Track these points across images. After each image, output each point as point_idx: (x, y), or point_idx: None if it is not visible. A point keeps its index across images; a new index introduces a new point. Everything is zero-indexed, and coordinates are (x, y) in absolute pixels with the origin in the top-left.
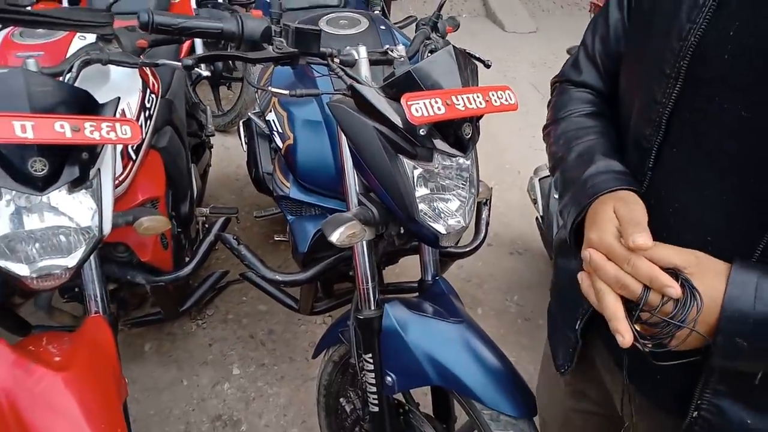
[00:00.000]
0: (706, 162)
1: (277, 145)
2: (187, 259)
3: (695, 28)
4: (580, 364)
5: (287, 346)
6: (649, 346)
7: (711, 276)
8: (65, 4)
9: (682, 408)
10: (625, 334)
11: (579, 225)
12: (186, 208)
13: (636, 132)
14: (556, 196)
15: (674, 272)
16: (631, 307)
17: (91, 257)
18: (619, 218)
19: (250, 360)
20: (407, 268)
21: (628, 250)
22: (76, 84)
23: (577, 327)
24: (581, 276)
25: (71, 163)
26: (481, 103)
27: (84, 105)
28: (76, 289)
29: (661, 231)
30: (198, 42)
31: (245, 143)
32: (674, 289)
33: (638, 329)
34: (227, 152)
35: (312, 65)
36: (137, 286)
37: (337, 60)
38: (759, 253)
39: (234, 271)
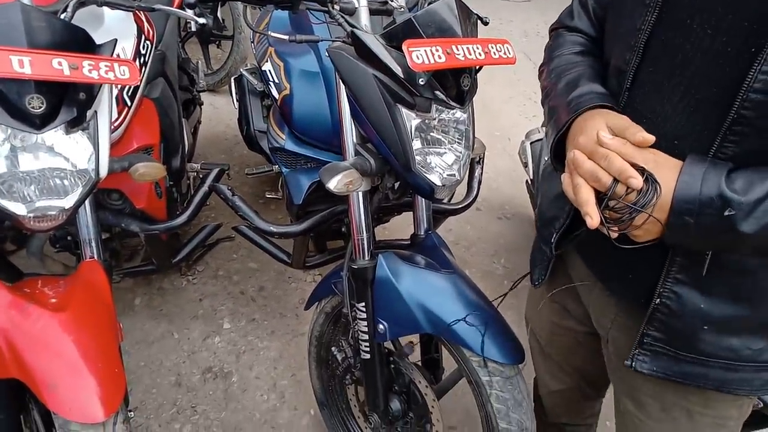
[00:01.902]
0: (676, 74)
1: (272, 96)
2: (178, 213)
3: None
4: (557, 278)
5: (278, 302)
6: (615, 229)
7: (666, 170)
8: None
9: (647, 302)
10: (594, 216)
11: (560, 141)
12: (177, 161)
13: (618, 59)
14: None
15: (641, 169)
16: (602, 197)
17: (86, 202)
18: (615, 126)
19: (241, 315)
20: (397, 232)
21: (606, 150)
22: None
23: (552, 240)
24: (564, 176)
25: (68, 103)
26: (480, 54)
27: (82, 44)
28: (69, 238)
29: None
30: None
31: (237, 100)
32: (636, 180)
33: (606, 215)
34: (216, 112)
35: (311, 11)
36: (130, 235)
37: (337, 6)
38: (713, 153)
39: (225, 228)
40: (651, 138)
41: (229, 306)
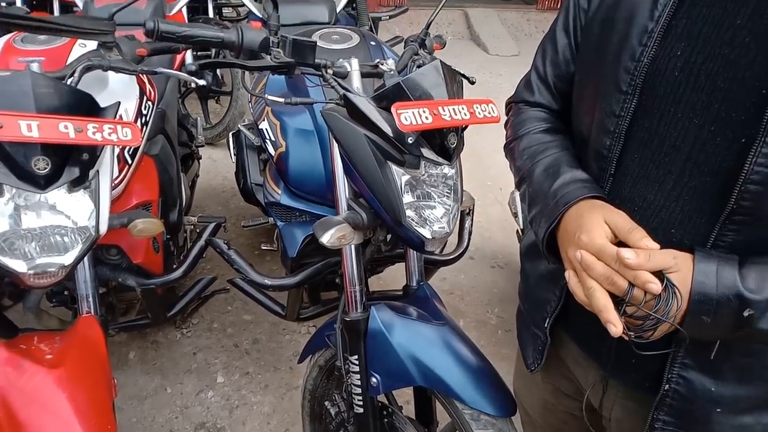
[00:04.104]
0: (664, 162)
1: (269, 153)
2: (174, 266)
3: (647, 51)
4: (550, 361)
5: (272, 355)
6: (632, 336)
7: (682, 267)
8: (56, 14)
9: (653, 386)
10: (617, 324)
11: (551, 232)
12: (175, 215)
13: (596, 143)
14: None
15: (660, 272)
16: (617, 302)
17: (85, 258)
18: (615, 225)
19: (235, 368)
20: (390, 283)
21: (614, 250)
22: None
23: (545, 325)
24: (569, 274)
25: (72, 164)
26: (465, 115)
27: (87, 107)
28: (65, 293)
29: None
30: (189, 55)
31: (234, 154)
32: (656, 285)
33: (623, 322)
34: (214, 164)
35: (305, 75)
36: (126, 290)
37: (330, 71)
38: (712, 241)
39: (220, 280)
40: (656, 246)
41: (223, 359)
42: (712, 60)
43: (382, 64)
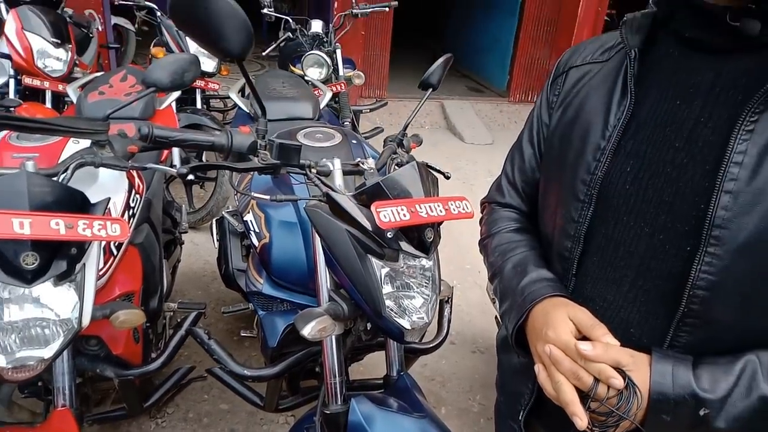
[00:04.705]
0: (620, 265)
1: (252, 243)
2: (153, 354)
3: (600, 166)
4: None
5: None
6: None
7: (640, 366)
8: (48, 105)
9: None
10: (582, 417)
11: (520, 327)
12: (155, 302)
13: (558, 245)
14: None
15: (621, 371)
16: (582, 396)
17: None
18: (578, 322)
19: None
20: (372, 368)
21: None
22: (68, 184)
23: (520, 418)
24: (538, 368)
25: (60, 258)
26: (441, 211)
27: (78, 204)
28: (39, 383)
29: None
30: (175, 151)
31: (217, 240)
32: (618, 380)
33: (588, 417)
34: (196, 248)
35: (290, 173)
36: (102, 380)
37: (314, 170)
38: (668, 341)
39: (198, 368)
40: (615, 343)
41: None
42: (657, 176)
43: (363, 163)
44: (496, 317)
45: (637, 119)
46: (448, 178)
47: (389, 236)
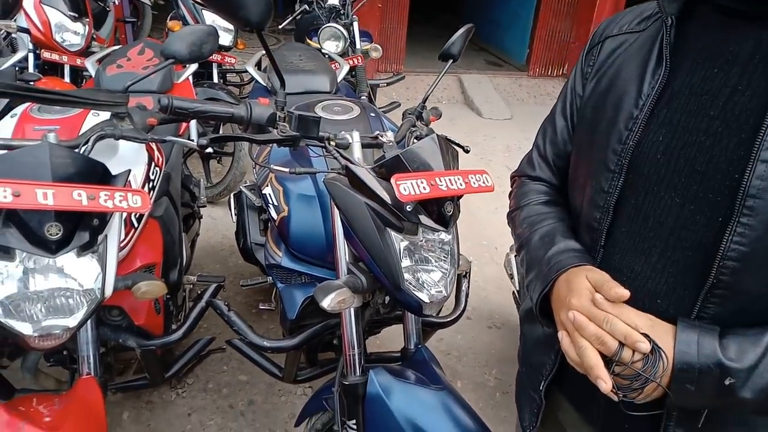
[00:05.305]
0: (650, 236)
1: (271, 216)
2: (174, 326)
3: (632, 135)
4: (546, 424)
5: (267, 417)
6: (621, 396)
7: (662, 336)
8: (66, 79)
9: None
10: (607, 380)
11: (544, 297)
12: (176, 275)
13: (587, 216)
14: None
15: (645, 335)
16: (606, 361)
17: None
18: (593, 281)
19: (229, 430)
20: (387, 342)
21: (605, 312)
22: (89, 156)
23: (540, 388)
24: (562, 334)
25: (83, 229)
26: (461, 185)
27: (99, 175)
28: (64, 353)
29: None
30: (193, 123)
31: (235, 215)
32: (645, 344)
33: (612, 381)
34: (214, 223)
35: (309, 147)
36: (125, 350)
37: (333, 143)
38: (696, 312)
39: (218, 340)
40: (626, 293)
41: (217, 421)
42: (690, 146)
43: (382, 136)
44: (513, 293)
45: (672, 88)
46: (467, 151)
47: (408, 209)
